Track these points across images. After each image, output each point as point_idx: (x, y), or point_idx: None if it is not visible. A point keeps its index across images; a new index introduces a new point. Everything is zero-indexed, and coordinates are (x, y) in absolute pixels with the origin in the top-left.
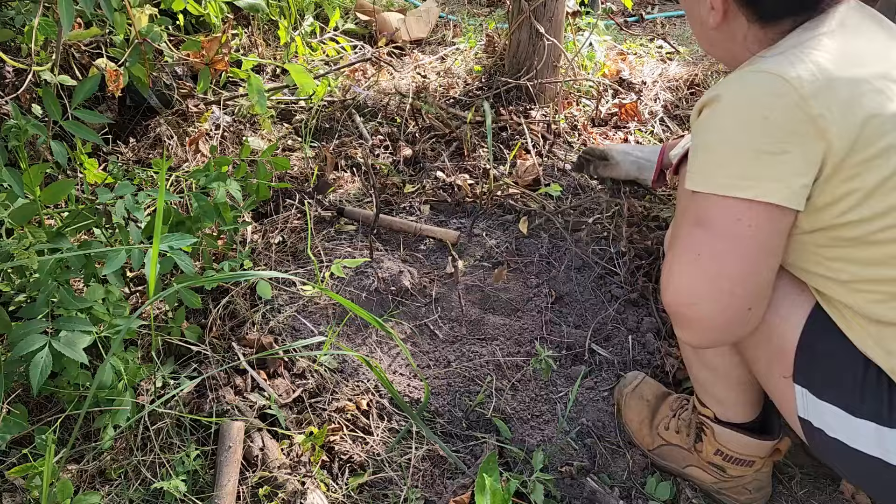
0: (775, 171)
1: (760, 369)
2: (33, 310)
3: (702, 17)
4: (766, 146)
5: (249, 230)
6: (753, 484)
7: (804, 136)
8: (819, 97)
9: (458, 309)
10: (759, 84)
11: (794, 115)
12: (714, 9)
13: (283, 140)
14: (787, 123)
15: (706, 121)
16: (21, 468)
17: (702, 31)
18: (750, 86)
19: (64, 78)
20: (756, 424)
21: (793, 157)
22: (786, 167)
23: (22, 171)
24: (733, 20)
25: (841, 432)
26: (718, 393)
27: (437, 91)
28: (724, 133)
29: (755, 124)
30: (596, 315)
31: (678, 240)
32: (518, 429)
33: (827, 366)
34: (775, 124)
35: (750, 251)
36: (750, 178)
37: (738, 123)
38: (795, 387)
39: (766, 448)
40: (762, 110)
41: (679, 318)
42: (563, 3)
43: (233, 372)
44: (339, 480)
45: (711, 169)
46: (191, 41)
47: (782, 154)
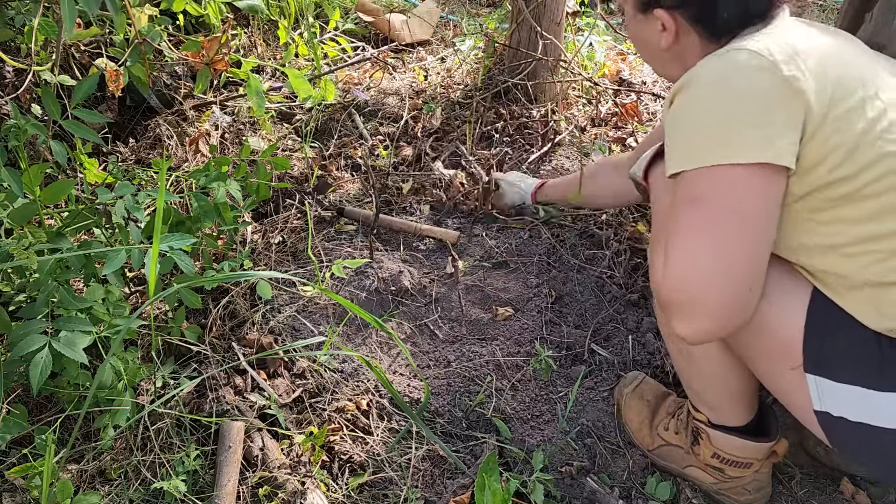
0: (762, 134)
1: (763, 367)
2: (33, 310)
3: (651, 41)
4: (748, 114)
5: (249, 230)
6: (753, 484)
7: (783, 98)
8: (789, 62)
9: (458, 309)
10: (729, 60)
11: (770, 80)
12: (666, 30)
13: (283, 140)
14: (765, 89)
15: (682, 105)
16: (21, 468)
17: (652, 53)
18: (721, 64)
19: (64, 78)
20: (751, 427)
21: (776, 119)
22: (771, 129)
23: (22, 171)
24: (685, 38)
25: (864, 414)
26: (711, 399)
27: (437, 91)
28: (704, 110)
29: (734, 96)
30: (596, 315)
31: (673, 227)
32: (518, 429)
33: (839, 346)
34: (753, 92)
35: (748, 221)
36: (738, 145)
37: (717, 98)
38: (807, 377)
39: (762, 450)
40: (738, 81)
41: (676, 307)
42: (563, 3)
43: (233, 372)
44: (339, 480)
45: (696, 145)
46: (191, 41)
47: (766, 117)
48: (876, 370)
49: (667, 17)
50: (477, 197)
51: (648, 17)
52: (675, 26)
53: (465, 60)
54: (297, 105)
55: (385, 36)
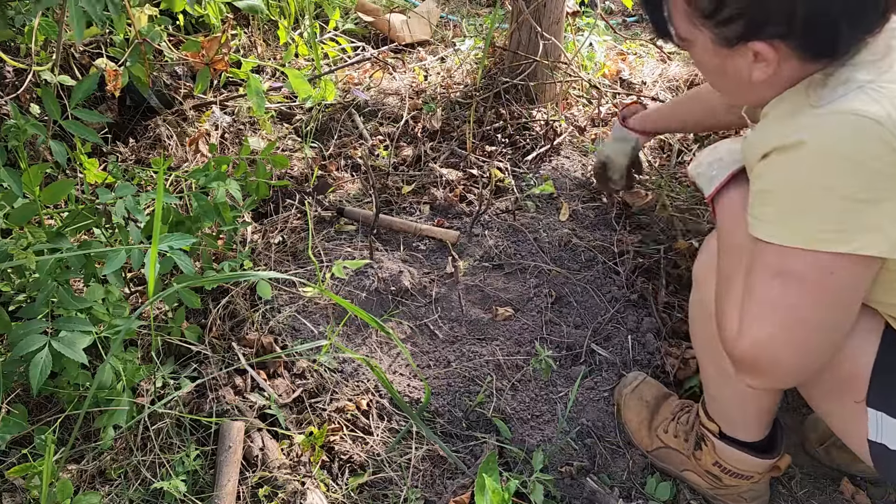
0: (872, 221)
1: (821, 394)
2: (33, 310)
3: (740, 73)
4: (860, 194)
5: (249, 230)
6: (749, 493)
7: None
8: None
9: (458, 309)
10: (847, 126)
11: (889, 157)
12: (762, 61)
13: (283, 140)
14: (882, 167)
15: (786, 166)
16: (21, 468)
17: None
18: (837, 129)
19: (64, 78)
20: (761, 443)
21: (891, 203)
22: (884, 215)
23: (22, 171)
24: (783, 65)
25: None
26: (734, 414)
27: (437, 91)
28: (810, 181)
29: (846, 170)
30: (596, 315)
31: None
32: (518, 429)
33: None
34: (869, 169)
35: (836, 302)
36: (845, 231)
37: (827, 170)
38: (869, 411)
39: (765, 466)
40: (853, 155)
41: (752, 369)
42: (563, 3)
43: (233, 372)
44: (339, 480)
45: (796, 220)
46: (190, 41)
47: (879, 202)
48: None
49: (765, 49)
50: (482, 194)
51: (737, 49)
52: (776, 56)
53: (465, 60)
54: (297, 105)
55: (385, 36)
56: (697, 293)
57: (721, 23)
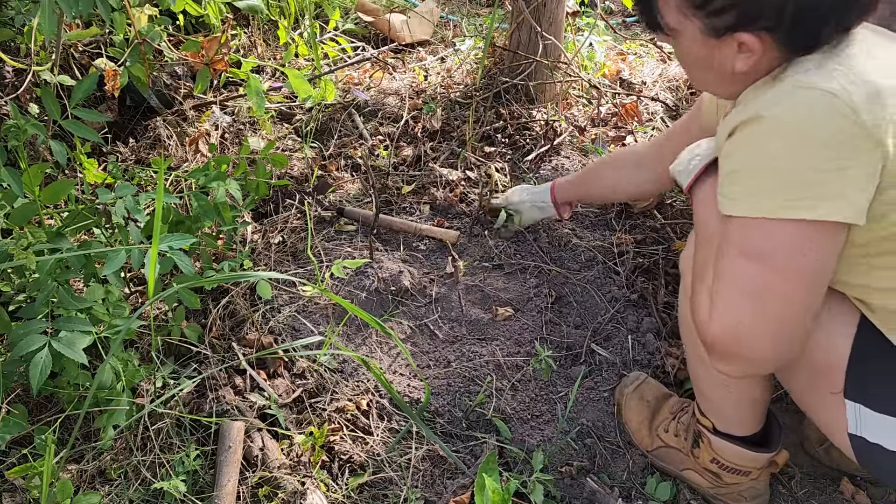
0: (837, 188)
1: (801, 388)
2: (33, 310)
3: (723, 64)
4: (824, 163)
5: (249, 230)
6: (749, 491)
7: (861, 148)
8: (870, 107)
9: (458, 309)
10: (807, 100)
11: (849, 128)
12: (749, 52)
13: (283, 140)
14: (842, 138)
15: (749, 141)
16: (21, 468)
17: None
18: (799, 103)
19: (63, 78)
20: (756, 437)
21: (853, 171)
22: (847, 182)
23: (22, 171)
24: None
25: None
26: (725, 409)
27: (437, 91)
28: (776, 153)
29: (809, 142)
30: (596, 315)
31: (722, 273)
32: (518, 429)
33: (883, 377)
34: (831, 140)
35: (807, 280)
36: (811, 198)
37: (791, 142)
38: (846, 402)
39: (763, 460)
40: (815, 127)
41: (720, 351)
42: (563, 3)
43: (233, 372)
44: (339, 480)
45: (763, 192)
46: (190, 41)
47: (843, 170)
48: None
49: (752, 40)
50: (482, 203)
51: (724, 40)
52: (761, 47)
53: (464, 60)
54: (297, 105)
55: (385, 36)
56: (682, 286)
57: (713, 13)
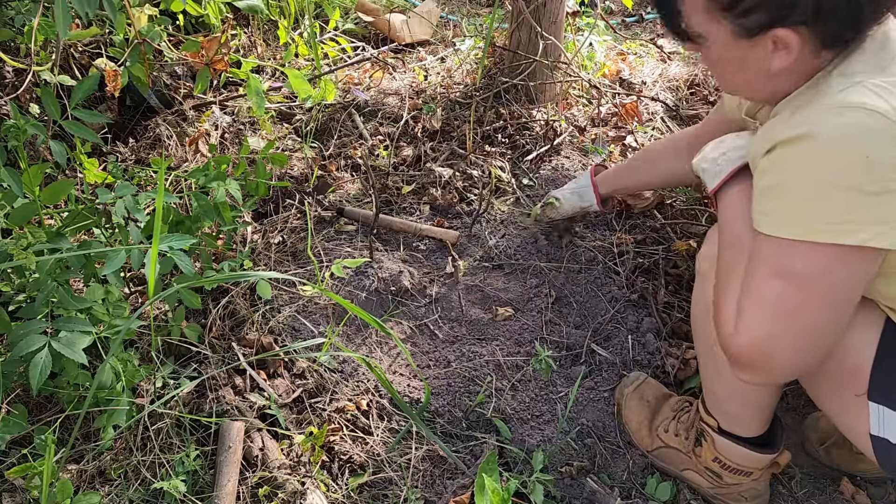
0: (880, 213)
1: (823, 390)
2: (33, 310)
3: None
4: (867, 186)
5: (249, 230)
6: (749, 492)
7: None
8: None
9: (458, 309)
10: (854, 120)
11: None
12: (785, 48)
13: (282, 140)
14: (889, 160)
15: (791, 160)
16: (21, 468)
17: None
18: (845, 123)
19: (63, 78)
20: (760, 438)
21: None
22: (890, 207)
23: (21, 171)
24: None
25: None
26: (732, 409)
27: (437, 91)
28: (818, 174)
29: (854, 163)
30: (596, 315)
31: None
32: (518, 429)
33: None
34: (876, 162)
35: (838, 302)
36: (852, 222)
37: (834, 164)
38: (870, 405)
39: (765, 461)
40: (861, 149)
41: (747, 365)
42: (563, 3)
43: (233, 372)
44: (339, 480)
45: (803, 213)
46: (190, 41)
47: (887, 193)
48: None
49: (789, 35)
50: (483, 195)
51: (756, 40)
52: (798, 42)
53: (464, 60)
54: (297, 105)
55: (385, 36)
56: (700, 286)
57: (742, 13)
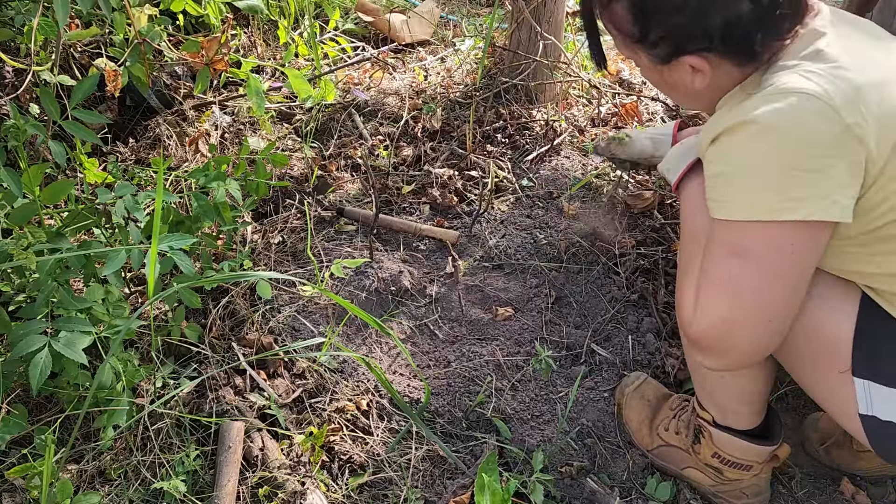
0: (822, 188)
1: (807, 371)
2: (33, 310)
3: (683, 85)
4: (808, 164)
5: (249, 230)
6: (751, 489)
7: (844, 147)
8: (850, 106)
9: (458, 309)
10: (791, 103)
11: (833, 128)
12: (700, 71)
13: (283, 140)
14: (825, 139)
15: (732, 145)
16: (21, 468)
17: (686, 95)
18: (777, 108)
19: (63, 78)
20: (756, 431)
21: (837, 170)
22: (832, 181)
23: (21, 171)
24: (718, 71)
25: None
26: (723, 402)
27: (437, 91)
28: (760, 157)
29: (793, 144)
30: (596, 315)
31: (707, 271)
32: (518, 429)
33: (890, 351)
34: (814, 142)
35: (792, 278)
36: (797, 199)
37: (774, 145)
38: (856, 381)
39: (764, 454)
40: (798, 130)
41: (707, 348)
42: (563, 3)
43: (232, 372)
44: (339, 481)
45: (750, 195)
46: (190, 41)
47: (827, 169)
48: None
49: (697, 61)
50: (484, 195)
51: (673, 65)
52: (708, 66)
53: (465, 60)
54: (297, 105)
55: (385, 36)
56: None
57: (651, 45)
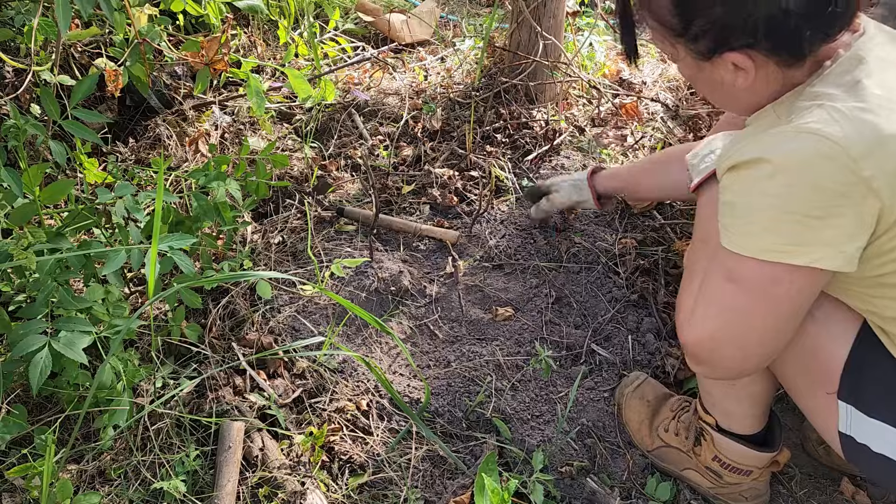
0: (826, 236)
1: (797, 385)
2: (33, 310)
3: (725, 83)
4: (815, 211)
5: (249, 230)
6: (750, 492)
7: (857, 197)
8: (870, 157)
9: (458, 309)
10: (806, 147)
11: (846, 178)
12: (743, 70)
13: (283, 140)
14: (838, 187)
15: (745, 181)
16: (21, 468)
17: (728, 94)
18: (798, 149)
19: (63, 78)
20: (758, 436)
21: (845, 220)
22: (838, 231)
23: (21, 171)
24: (761, 70)
25: (886, 449)
26: (728, 406)
27: (437, 91)
28: (771, 198)
29: (805, 189)
30: (596, 315)
31: (706, 289)
32: (518, 429)
33: (877, 384)
34: (826, 188)
35: (784, 313)
36: (800, 245)
37: (786, 188)
38: (840, 403)
39: (764, 460)
40: (812, 175)
41: (695, 357)
42: (563, 3)
43: (232, 372)
44: (339, 481)
45: (755, 233)
46: (190, 41)
47: (834, 218)
48: None
49: (741, 58)
50: (484, 195)
51: (715, 61)
52: (753, 64)
53: (464, 60)
54: (297, 105)
55: (385, 36)
56: None
57: (693, 38)
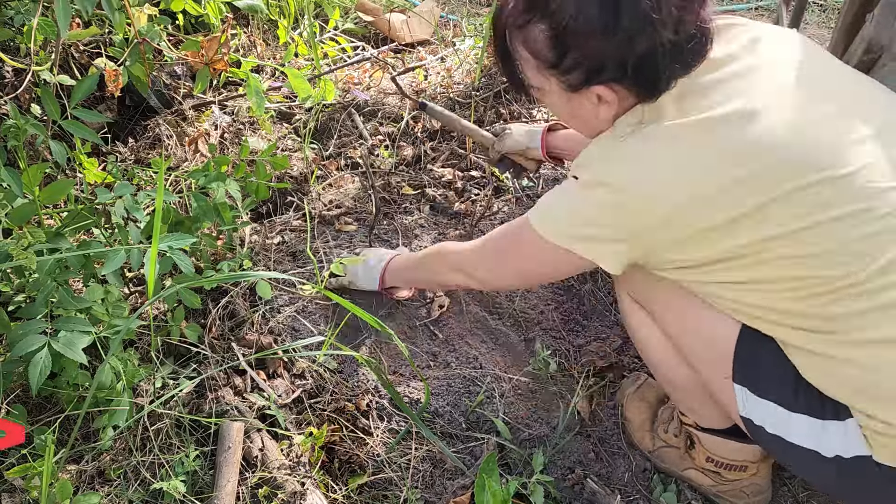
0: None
1: (705, 374)
2: (32, 310)
3: (587, 114)
4: (591, 230)
5: (248, 230)
6: (751, 488)
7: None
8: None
9: (459, 309)
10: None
11: (620, 220)
12: (607, 102)
13: (282, 140)
14: (608, 221)
15: (568, 184)
16: (20, 468)
17: (586, 123)
18: (619, 176)
19: (63, 78)
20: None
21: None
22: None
23: (21, 170)
24: (622, 103)
25: (779, 429)
26: (691, 404)
27: (437, 91)
28: (576, 202)
29: (588, 212)
30: (597, 315)
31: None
32: (518, 430)
33: (764, 364)
34: (598, 218)
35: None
36: (588, 241)
37: (588, 204)
38: (735, 386)
39: (755, 452)
40: (589, 209)
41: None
42: None
43: (232, 372)
44: (339, 481)
45: (553, 218)
46: (190, 41)
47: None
48: (791, 392)
49: (607, 92)
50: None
51: (582, 93)
52: (616, 97)
53: (464, 60)
54: (297, 105)
55: (385, 36)
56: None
57: (565, 71)
